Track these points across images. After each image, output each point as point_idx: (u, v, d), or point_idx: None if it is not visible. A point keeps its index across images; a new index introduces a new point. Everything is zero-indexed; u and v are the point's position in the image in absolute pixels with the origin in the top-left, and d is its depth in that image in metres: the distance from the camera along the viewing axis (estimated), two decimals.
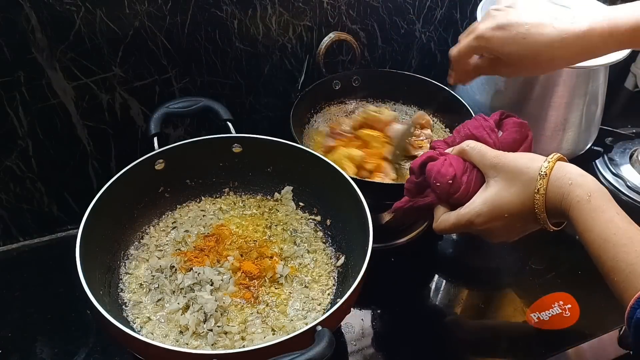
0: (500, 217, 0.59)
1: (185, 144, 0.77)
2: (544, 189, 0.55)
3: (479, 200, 0.61)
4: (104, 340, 0.74)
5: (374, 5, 0.96)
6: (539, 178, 0.55)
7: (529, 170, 0.57)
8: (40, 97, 0.77)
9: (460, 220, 0.62)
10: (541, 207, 0.56)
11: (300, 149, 0.78)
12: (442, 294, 0.86)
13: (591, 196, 0.53)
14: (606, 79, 0.92)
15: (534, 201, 0.56)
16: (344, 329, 0.78)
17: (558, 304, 0.82)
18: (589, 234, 0.52)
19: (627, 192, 1.02)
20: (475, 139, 0.66)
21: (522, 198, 0.57)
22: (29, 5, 0.70)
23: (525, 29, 0.64)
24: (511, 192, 0.58)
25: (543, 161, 0.57)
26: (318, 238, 0.80)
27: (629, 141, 1.12)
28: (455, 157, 0.64)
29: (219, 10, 0.83)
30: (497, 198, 0.59)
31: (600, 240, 0.51)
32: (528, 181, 0.56)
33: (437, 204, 0.66)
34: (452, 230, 0.64)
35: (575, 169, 0.56)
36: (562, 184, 0.55)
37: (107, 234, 0.71)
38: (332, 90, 0.98)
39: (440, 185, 0.63)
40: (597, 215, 0.52)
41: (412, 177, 0.67)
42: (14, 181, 0.82)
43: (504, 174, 0.59)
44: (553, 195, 0.55)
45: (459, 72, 0.75)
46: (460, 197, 0.62)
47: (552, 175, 0.55)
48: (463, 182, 0.62)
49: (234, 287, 0.70)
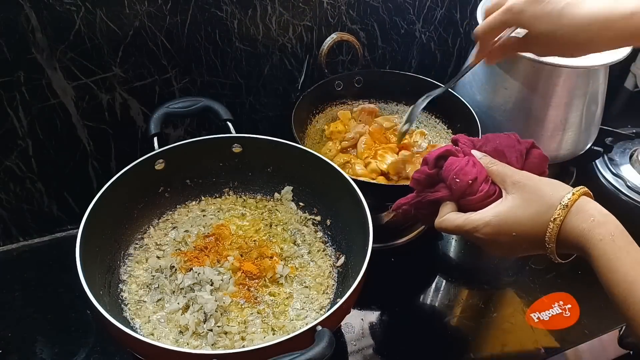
0: (507, 234, 0.57)
1: (185, 144, 0.77)
2: (560, 219, 0.53)
3: (491, 211, 0.58)
4: (104, 340, 0.74)
5: (374, 5, 0.96)
6: (559, 207, 0.53)
7: (551, 197, 0.55)
8: (40, 97, 0.77)
9: (467, 225, 0.59)
10: (553, 236, 0.54)
11: (300, 149, 0.78)
12: (442, 294, 0.86)
13: (614, 236, 0.51)
14: (606, 79, 0.92)
15: (547, 229, 0.54)
16: (344, 329, 0.78)
17: (558, 304, 0.82)
18: (614, 275, 0.50)
19: (627, 192, 1.02)
20: (505, 158, 0.64)
21: (535, 221, 0.55)
22: (29, 5, 0.70)
23: (561, 5, 0.59)
24: (526, 212, 0.56)
25: (568, 192, 0.54)
26: (318, 238, 0.80)
27: (629, 141, 1.12)
28: (480, 164, 0.62)
29: (219, 10, 0.83)
30: (510, 214, 0.57)
31: (626, 282, 0.49)
32: (547, 207, 0.54)
33: (445, 201, 0.63)
34: (454, 232, 0.62)
35: (598, 207, 0.54)
36: (584, 219, 0.52)
37: (107, 234, 0.71)
38: (333, 91, 0.98)
39: (459, 182, 0.60)
40: (623, 256, 0.50)
41: (425, 167, 0.65)
42: (14, 181, 0.82)
43: (525, 193, 0.57)
44: (570, 228, 0.53)
45: (484, 51, 0.70)
46: (474, 201, 0.60)
47: (573, 208, 0.53)
48: (483, 189, 0.60)
49: (234, 287, 0.70)
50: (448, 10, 1.03)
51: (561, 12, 0.60)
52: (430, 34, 1.05)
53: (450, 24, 1.06)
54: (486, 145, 0.65)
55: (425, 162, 0.65)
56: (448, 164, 0.62)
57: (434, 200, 0.64)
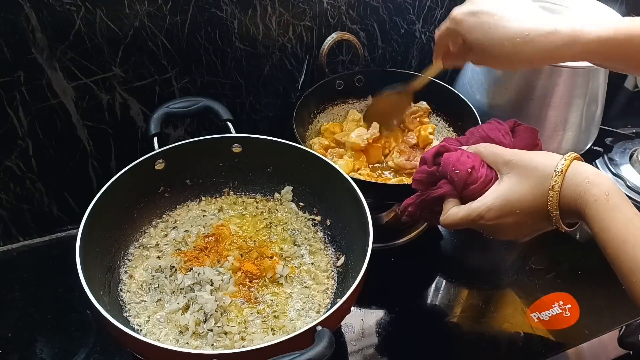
0: (511, 213, 0.58)
1: (185, 144, 0.77)
2: (558, 185, 0.54)
3: (491, 195, 0.60)
4: (104, 340, 0.74)
5: (374, 5, 0.96)
6: (555, 175, 0.55)
7: (545, 167, 0.56)
8: (40, 97, 0.77)
9: (471, 214, 0.60)
10: (554, 204, 0.55)
11: (300, 149, 0.78)
12: (442, 294, 0.86)
13: (609, 195, 0.52)
14: (606, 79, 0.92)
15: (548, 198, 0.55)
16: (344, 329, 0.78)
17: (558, 304, 0.82)
18: (607, 234, 0.51)
19: (627, 192, 1.02)
20: (491, 140, 0.66)
21: (535, 194, 0.56)
22: (29, 5, 0.70)
23: (494, 19, 0.63)
24: (524, 187, 0.57)
25: (560, 159, 0.56)
26: (318, 238, 0.80)
27: (629, 141, 1.12)
28: (472, 153, 0.64)
29: (219, 10, 0.83)
30: (509, 193, 0.58)
31: (619, 240, 0.50)
32: (543, 177, 0.56)
33: (449, 196, 0.64)
34: (460, 225, 0.62)
35: (591, 168, 0.55)
36: (579, 182, 0.54)
37: (107, 234, 0.71)
38: (334, 90, 0.98)
39: (459, 173, 0.62)
40: (615, 215, 0.51)
41: (424, 167, 0.67)
42: (14, 181, 0.82)
43: (519, 170, 0.58)
44: (568, 192, 0.54)
45: (438, 54, 0.74)
46: (476, 189, 0.61)
47: (568, 173, 0.54)
48: (482, 174, 0.61)
49: (234, 287, 0.70)
50: (448, 10, 1.02)
51: (494, 24, 0.63)
52: (430, 34, 1.05)
53: None
54: (471, 137, 0.68)
55: (424, 162, 0.67)
56: (444, 159, 0.64)
57: (438, 197, 0.65)
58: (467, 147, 0.66)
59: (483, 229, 0.62)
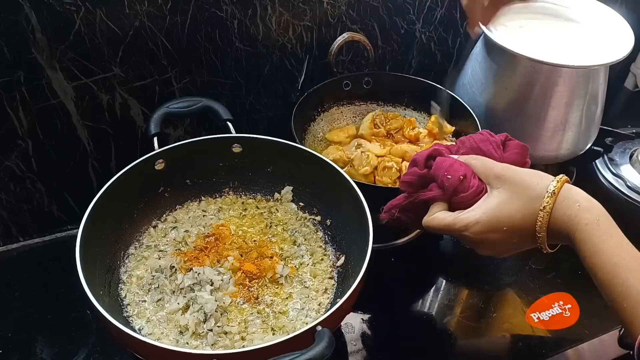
0: (497, 230, 0.58)
1: (185, 144, 0.77)
2: (550, 207, 0.54)
3: (479, 209, 0.59)
4: (104, 340, 0.74)
5: (374, 5, 0.96)
6: (547, 196, 0.54)
7: (536, 186, 0.56)
8: (40, 97, 0.77)
9: (456, 224, 0.60)
10: (544, 225, 0.55)
11: (300, 149, 0.78)
12: (442, 294, 0.86)
13: (600, 220, 0.52)
14: (606, 79, 0.92)
15: (537, 218, 0.55)
16: (344, 329, 0.78)
17: (558, 304, 0.82)
18: (598, 258, 0.51)
19: (627, 192, 1.02)
20: (481, 152, 0.65)
21: (524, 213, 0.56)
22: (29, 5, 0.70)
23: None
24: (514, 205, 0.57)
25: (552, 180, 0.56)
26: (318, 238, 0.80)
27: (629, 141, 1.12)
28: (464, 163, 0.63)
29: (219, 10, 0.83)
30: (499, 209, 0.58)
31: (611, 264, 0.50)
32: (534, 197, 0.55)
33: (438, 200, 0.63)
34: (443, 230, 0.62)
35: (582, 193, 0.55)
36: (570, 205, 0.54)
37: (107, 234, 0.71)
38: (341, 91, 0.97)
39: (451, 179, 0.61)
40: (607, 239, 0.51)
41: (415, 169, 0.65)
42: (14, 181, 0.82)
43: (509, 186, 0.58)
44: (559, 215, 0.54)
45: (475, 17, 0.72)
46: (466, 197, 0.61)
47: (560, 195, 0.54)
48: (473, 185, 0.61)
49: (234, 287, 0.70)
50: (448, 10, 1.03)
51: None
52: (430, 34, 1.05)
53: (450, 24, 1.06)
54: (462, 147, 0.66)
55: (415, 163, 0.66)
56: (438, 162, 0.63)
57: (425, 200, 0.65)
58: (458, 157, 0.65)
59: (465, 240, 0.61)
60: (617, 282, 0.50)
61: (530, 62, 0.84)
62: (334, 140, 0.94)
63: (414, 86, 0.98)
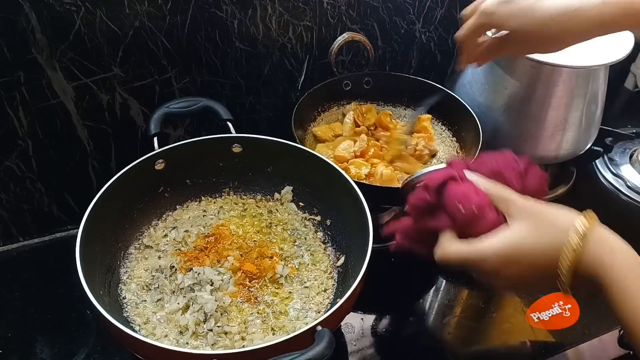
0: (516, 264, 0.52)
1: (185, 144, 0.77)
2: (579, 246, 0.49)
3: (499, 239, 0.53)
4: (104, 340, 0.74)
5: (374, 5, 0.96)
6: (576, 235, 0.49)
7: (563, 223, 0.51)
8: (40, 97, 0.77)
9: (475, 255, 0.54)
10: (568, 265, 0.49)
11: (300, 149, 0.78)
12: (442, 294, 0.86)
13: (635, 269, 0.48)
14: (606, 79, 0.92)
15: (560, 257, 0.49)
16: (344, 329, 0.78)
17: (558, 304, 0.82)
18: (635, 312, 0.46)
19: (627, 192, 1.02)
20: (502, 179, 0.58)
21: (547, 250, 0.51)
22: (29, 5, 0.70)
23: (530, 2, 0.61)
24: (538, 240, 0.52)
25: (578, 215, 0.51)
26: (318, 238, 0.80)
27: (629, 141, 1.12)
28: (481, 190, 0.56)
29: (219, 10, 0.83)
30: (520, 242, 0.52)
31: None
32: (559, 235, 0.50)
33: (447, 230, 0.57)
34: (459, 264, 0.56)
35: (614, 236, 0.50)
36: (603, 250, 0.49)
37: (107, 234, 0.71)
38: (341, 90, 0.98)
39: (462, 212, 0.55)
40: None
41: (425, 195, 0.59)
42: (14, 181, 0.82)
43: (533, 220, 0.53)
44: (590, 258, 0.49)
45: (469, 54, 0.70)
46: (481, 231, 0.55)
47: (590, 236, 0.49)
48: (490, 217, 0.54)
49: (234, 287, 0.70)
50: (448, 10, 1.03)
51: (532, 7, 0.61)
52: (430, 34, 1.05)
53: (450, 24, 1.06)
54: (482, 167, 0.60)
55: (426, 188, 0.59)
56: (450, 190, 0.57)
57: (433, 229, 0.59)
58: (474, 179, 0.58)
59: (480, 273, 0.56)
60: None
61: (531, 62, 0.84)
62: (319, 136, 0.94)
63: (414, 86, 0.99)
